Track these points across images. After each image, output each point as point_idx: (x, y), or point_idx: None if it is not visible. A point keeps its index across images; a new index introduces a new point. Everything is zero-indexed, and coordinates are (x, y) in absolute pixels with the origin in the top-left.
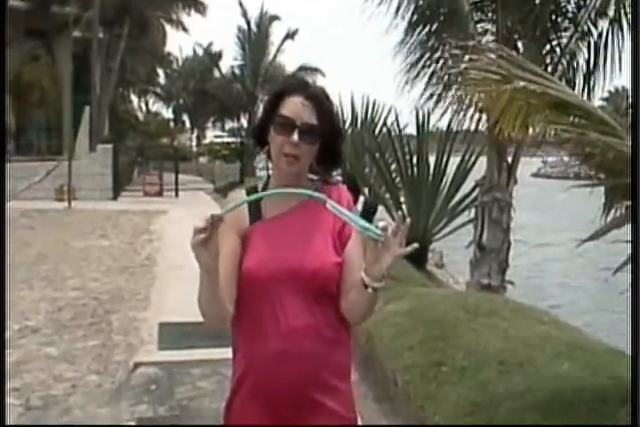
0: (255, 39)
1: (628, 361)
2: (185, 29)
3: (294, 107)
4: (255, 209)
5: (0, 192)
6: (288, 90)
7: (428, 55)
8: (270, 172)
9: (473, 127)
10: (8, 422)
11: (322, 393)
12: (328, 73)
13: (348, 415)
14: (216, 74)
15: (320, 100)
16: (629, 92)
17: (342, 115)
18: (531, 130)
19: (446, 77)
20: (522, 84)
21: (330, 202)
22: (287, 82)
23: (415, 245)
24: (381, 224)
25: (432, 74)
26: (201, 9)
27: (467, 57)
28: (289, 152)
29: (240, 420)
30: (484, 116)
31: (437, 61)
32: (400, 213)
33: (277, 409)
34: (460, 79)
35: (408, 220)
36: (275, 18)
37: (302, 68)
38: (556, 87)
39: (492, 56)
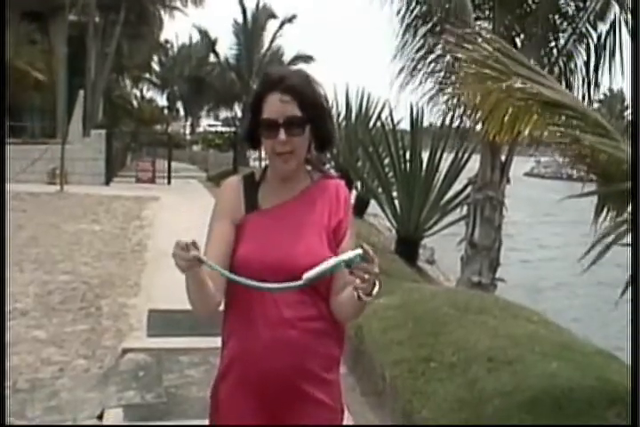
0: (251, 30)
1: (617, 363)
2: (182, 12)
3: (273, 106)
4: (252, 198)
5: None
6: (265, 88)
7: (425, 51)
8: (267, 162)
9: (467, 125)
10: (8, 423)
11: (309, 383)
12: (323, 62)
13: (335, 406)
14: (212, 60)
15: (299, 90)
16: (625, 95)
17: (337, 106)
18: (518, 132)
19: (443, 74)
20: (515, 82)
21: (305, 276)
22: (263, 80)
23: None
24: (358, 251)
25: (429, 70)
26: None
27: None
28: (281, 150)
29: (227, 407)
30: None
31: (435, 60)
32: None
33: (264, 397)
34: (454, 77)
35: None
36: (272, 16)
37: (297, 58)
38: (551, 86)
39: (489, 48)
